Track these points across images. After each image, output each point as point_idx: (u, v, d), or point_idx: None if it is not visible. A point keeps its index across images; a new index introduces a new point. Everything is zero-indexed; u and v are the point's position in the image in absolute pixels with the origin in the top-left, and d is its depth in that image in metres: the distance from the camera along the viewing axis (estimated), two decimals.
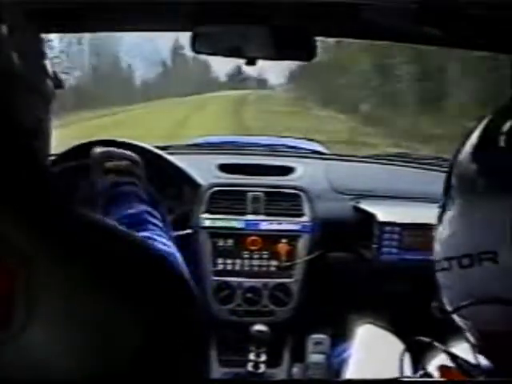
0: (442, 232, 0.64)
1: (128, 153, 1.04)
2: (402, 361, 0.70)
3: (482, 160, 0.60)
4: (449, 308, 0.64)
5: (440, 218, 0.65)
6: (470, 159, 0.61)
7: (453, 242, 0.61)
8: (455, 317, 0.63)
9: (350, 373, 0.92)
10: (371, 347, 0.99)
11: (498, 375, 0.60)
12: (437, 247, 0.65)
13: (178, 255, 0.84)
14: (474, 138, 0.62)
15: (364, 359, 0.95)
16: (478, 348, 0.62)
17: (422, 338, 0.67)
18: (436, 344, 0.65)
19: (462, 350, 0.64)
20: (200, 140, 2.71)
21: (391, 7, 0.94)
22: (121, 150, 1.04)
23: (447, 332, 0.70)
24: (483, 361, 0.61)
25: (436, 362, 0.66)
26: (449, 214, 0.64)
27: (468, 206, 0.61)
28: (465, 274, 0.59)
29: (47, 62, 0.75)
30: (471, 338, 0.63)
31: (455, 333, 0.67)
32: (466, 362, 0.62)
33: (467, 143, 0.62)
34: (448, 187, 0.65)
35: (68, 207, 0.55)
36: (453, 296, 0.63)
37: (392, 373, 0.71)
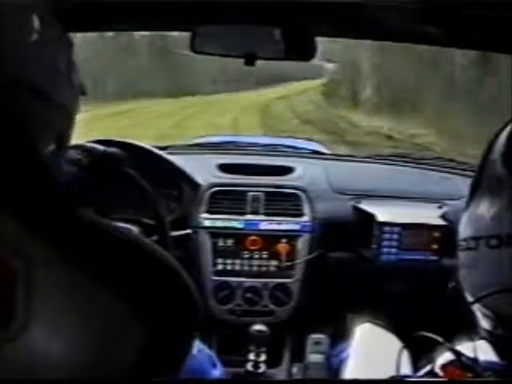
0: (470, 213, 0.65)
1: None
2: (399, 358, 0.70)
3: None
4: (467, 288, 0.65)
5: (469, 200, 0.66)
6: (502, 151, 0.63)
7: (481, 222, 0.62)
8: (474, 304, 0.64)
9: (348, 371, 0.92)
10: (370, 346, 0.99)
11: (503, 373, 0.60)
12: (462, 228, 0.66)
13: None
14: (503, 135, 0.64)
15: (363, 357, 0.95)
16: (492, 341, 0.62)
17: (425, 333, 0.68)
18: (441, 340, 0.66)
19: (465, 348, 0.65)
20: (200, 140, 2.71)
21: (391, 7, 0.94)
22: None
23: (449, 331, 0.70)
24: (488, 358, 0.61)
25: (439, 361, 0.66)
26: (478, 197, 0.65)
27: (499, 190, 0.62)
28: (492, 254, 0.60)
29: (74, 69, 0.68)
30: (487, 328, 0.63)
31: (457, 332, 0.67)
32: (471, 359, 0.62)
33: (499, 139, 0.64)
34: (480, 174, 0.66)
35: (68, 207, 0.55)
36: (476, 275, 0.64)
37: (391, 371, 0.71)
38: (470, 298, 0.64)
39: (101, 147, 1.43)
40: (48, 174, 0.54)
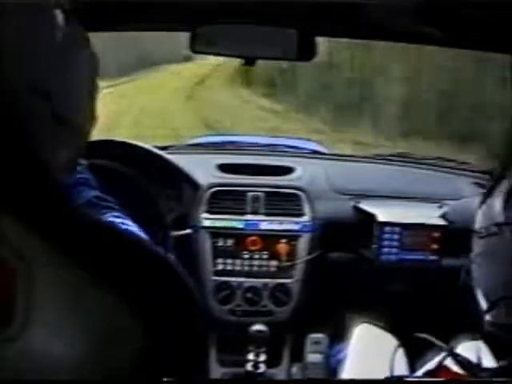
0: (491, 204, 0.66)
1: None
2: (394, 356, 0.70)
3: None
4: (481, 281, 0.65)
5: (490, 191, 0.67)
6: None
7: (504, 211, 0.63)
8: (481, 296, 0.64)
9: (347, 370, 0.92)
10: (368, 345, 0.99)
11: (500, 374, 0.60)
12: (482, 217, 0.67)
13: (142, 234, 0.81)
14: None
15: (361, 357, 0.95)
16: (495, 337, 0.62)
17: (421, 334, 0.68)
18: (436, 342, 0.66)
19: (463, 348, 0.65)
20: (200, 140, 2.71)
21: (391, 7, 0.94)
22: None
23: (448, 331, 0.70)
24: (486, 358, 0.62)
25: (436, 361, 0.66)
26: (501, 190, 0.65)
27: None
28: None
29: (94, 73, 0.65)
30: (493, 321, 0.63)
31: (456, 332, 0.68)
32: (468, 360, 0.62)
33: None
34: (503, 172, 0.66)
35: (68, 208, 0.55)
36: (497, 258, 0.64)
37: (387, 371, 0.71)
38: (482, 298, 0.64)
39: (101, 147, 1.43)
40: (49, 175, 0.54)
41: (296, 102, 11.26)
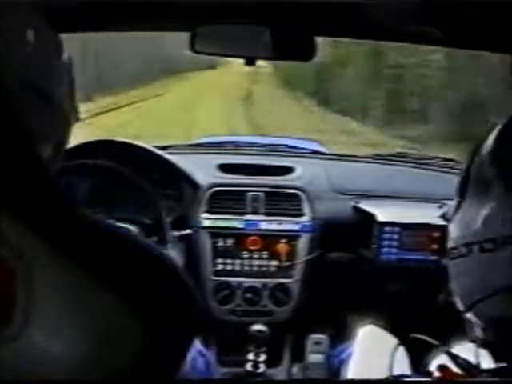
0: (459, 220, 0.64)
1: None
2: (393, 356, 0.70)
3: (503, 151, 0.61)
4: (459, 297, 0.64)
5: (457, 208, 0.65)
6: (491, 152, 0.62)
7: (473, 227, 0.61)
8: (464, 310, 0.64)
9: (349, 372, 0.92)
10: (372, 348, 0.99)
11: (499, 375, 0.60)
12: (453, 235, 0.65)
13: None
14: (492, 136, 0.63)
15: (364, 360, 0.95)
16: (485, 344, 0.62)
17: (418, 335, 0.68)
18: (435, 343, 0.66)
19: (463, 349, 0.64)
20: (200, 140, 2.71)
21: (391, 7, 0.94)
22: None
23: (448, 331, 0.70)
24: (484, 360, 0.61)
25: (436, 362, 0.66)
26: (467, 202, 0.64)
27: (488, 192, 0.61)
28: (486, 259, 0.60)
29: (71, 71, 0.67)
30: (478, 333, 0.62)
31: (456, 332, 0.68)
32: (467, 361, 0.62)
33: (487, 140, 0.63)
34: (466, 179, 0.65)
35: (68, 208, 0.55)
36: (469, 282, 0.63)
37: (389, 372, 0.71)
38: (461, 307, 0.64)
39: (101, 147, 1.44)
40: (48, 175, 0.54)
41: (341, 104, 11.19)
